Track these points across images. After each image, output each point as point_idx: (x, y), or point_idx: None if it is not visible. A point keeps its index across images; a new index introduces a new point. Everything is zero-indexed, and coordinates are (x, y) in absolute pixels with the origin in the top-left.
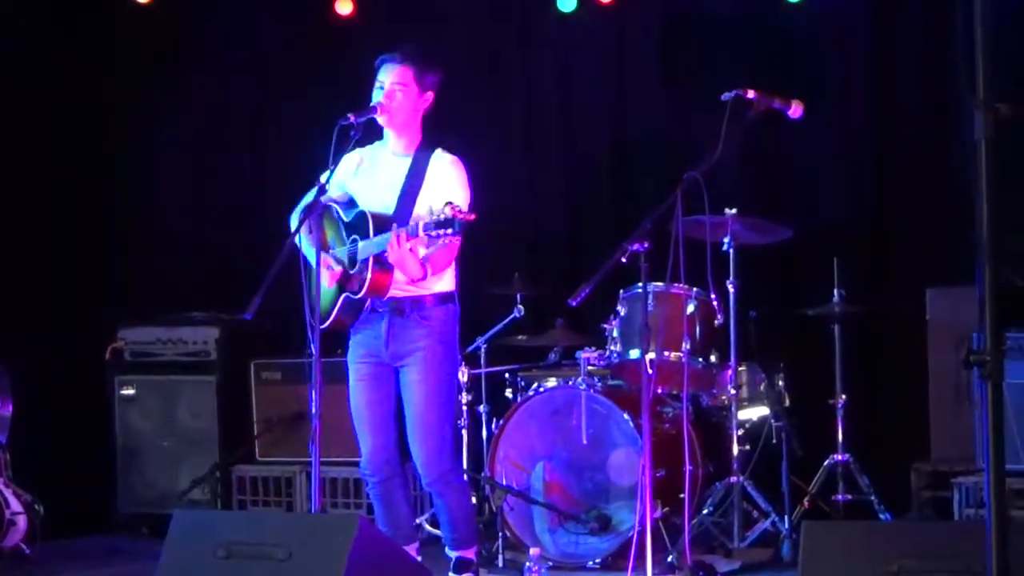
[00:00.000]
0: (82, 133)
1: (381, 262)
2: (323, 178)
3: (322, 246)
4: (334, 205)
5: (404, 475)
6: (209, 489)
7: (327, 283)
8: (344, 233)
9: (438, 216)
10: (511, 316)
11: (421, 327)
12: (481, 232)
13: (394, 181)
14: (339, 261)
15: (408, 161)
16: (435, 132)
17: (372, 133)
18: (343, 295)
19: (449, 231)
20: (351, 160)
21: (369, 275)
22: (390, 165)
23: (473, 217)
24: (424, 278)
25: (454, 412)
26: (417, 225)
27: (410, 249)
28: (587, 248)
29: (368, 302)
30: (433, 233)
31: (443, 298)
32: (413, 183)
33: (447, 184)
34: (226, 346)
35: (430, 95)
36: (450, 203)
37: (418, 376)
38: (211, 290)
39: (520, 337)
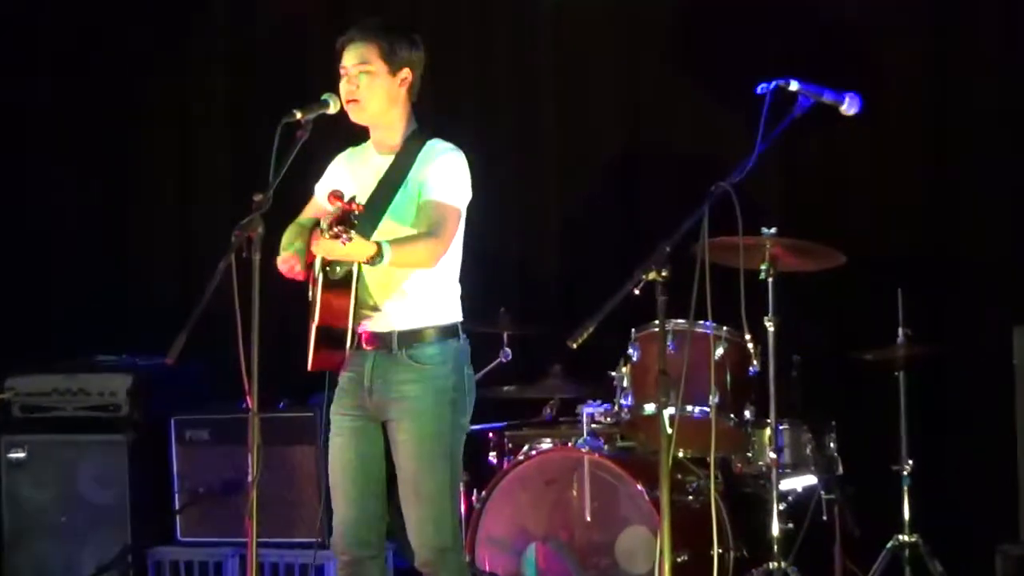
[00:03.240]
0: None
1: (333, 278)
2: (257, 198)
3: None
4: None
5: (383, 560)
6: None
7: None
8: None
9: (332, 214)
10: (495, 361)
11: (411, 370)
12: (464, 262)
13: (371, 182)
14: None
15: (391, 156)
16: (433, 122)
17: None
18: (314, 328)
19: (342, 228)
20: (337, 166)
21: (319, 294)
22: (372, 165)
23: (359, 209)
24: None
25: (458, 476)
26: (321, 228)
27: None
28: (590, 277)
29: (354, 335)
30: (328, 234)
31: (443, 332)
32: (391, 180)
33: (431, 175)
34: (141, 398)
35: (407, 74)
36: (333, 191)
37: (408, 433)
38: (122, 329)
39: (507, 387)
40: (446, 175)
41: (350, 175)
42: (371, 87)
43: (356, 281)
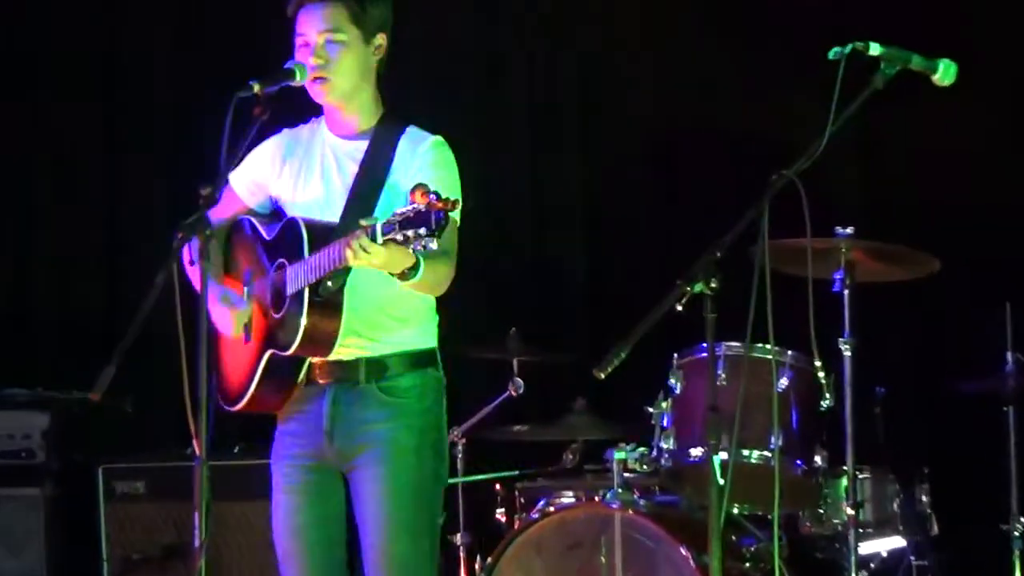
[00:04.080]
0: None
1: (324, 296)
2: (205, 191)
3: (228, 281)
4: (251, 220)
5: None
6: None
7: (235, 335)
8: (265, 257)
9: (405, 210)
10: (503, 395)
11: (383, 406)
12: (462, 270)
13: (341, 175)
14: (257, 299)
15: (363, 145)
16: (401, 103)
17: (296, 109)
18: (264, 354)
19: (422, 231)
20: (270, 151)
21: (304, 318)
22: (335, 153)
23: (456, 206)
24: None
25: (436, 537)
26: (375, 228)
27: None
28: (621, 290)
29: (304, 367)
30: (398, 236)
31: (418, 359)
32: (371, 175)
33: (428, 171)
34: (60, 442)
35: (382, 40)
36: (421, 186)
37: (379, 483)
38: (33, 357)
39: (518, 427)
40: (444, 177)
41: (298, 166)
42: (342, 60)
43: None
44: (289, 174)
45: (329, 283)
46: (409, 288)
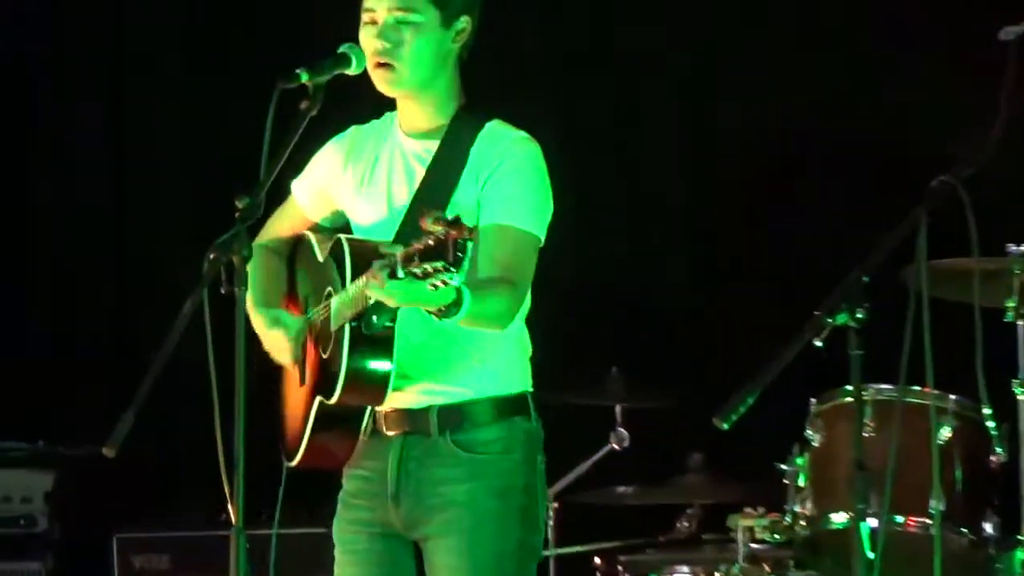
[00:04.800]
0: None
1: (368, 333)
2: (241, 204)
3: (289, 303)
4: (310, 237)
5: None
6: None
7: (291, 362)
8: (319, 283)
9: (424, 238)
10: (604, 449)
11: (460, 463)
12: (549, 296)
13: (406, 182)
14: (313, 331)
15: (433, 145)
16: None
17: (366, 106)
18: (315, 400)
19: (439, 265)
20: (334, 153)
21: (344, 360)
22: (402, 155)
23: (471, 235)
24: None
25: None
26: (393, 256)
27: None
28: (744, 320)
29: (368, 415)
30: (416, 270)
31: (503, 406)
32: (438, 181)
33: (501, 182)
34: (66, 506)
35: (465, 24)
36: (431, 212)
37: (456, 556)
38: (37, 404)
39: (622, 489)
40: (524, 184)
41: (363, 170)
42: (413, 45)
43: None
44: (352, 181)
45: (373, 318)
46: (460, 326)
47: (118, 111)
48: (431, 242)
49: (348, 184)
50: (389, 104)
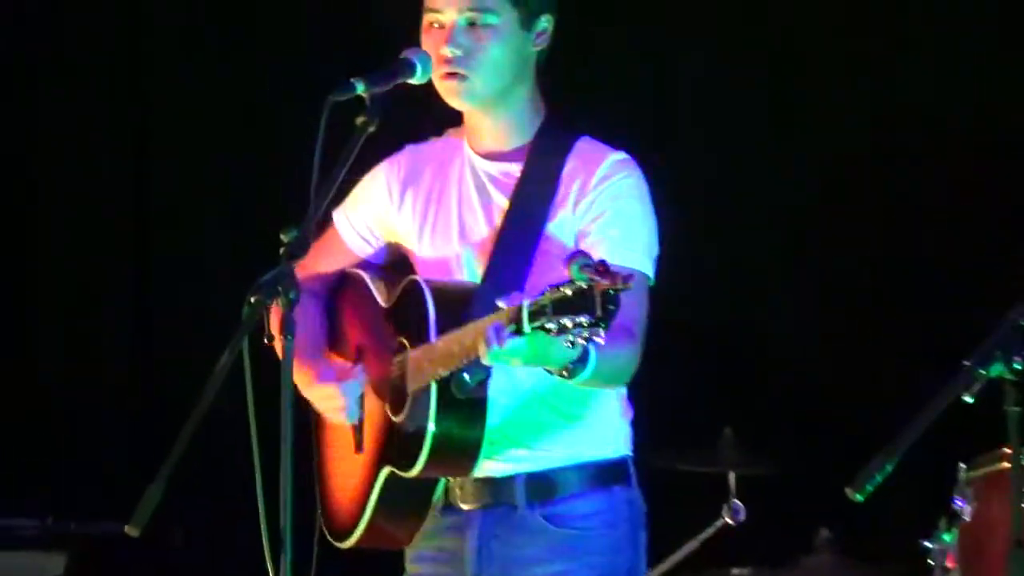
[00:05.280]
0: None
1: (460, 396)
2: (288, 236)
3: (333, 356)
4: (362, 276)
5: None
6: None
7: (342, 444)
8: (382, 332)
9: (562, 287)
10: (717, 523)
11: (552, 540)
12: (652, 346)
13: (484, 213)
14: (373, 387)
15: (516, 169)
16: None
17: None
18: (381, 471)
19: (583, 319)
20: (386, 179)
21: (431, 426)
22: (476, 180)
23: (627, 284)
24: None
25: None
26: (518, 309)
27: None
28: (873, 376)
29: (440, 486)
30: (550, 325)
31: (601, 473)
32: (525, 213)
33: (605, 215)
34: None
35: (547, 25)
36: (579, 255)
37: None
38: (48, 476)
39: (738, 571)
40: (632, 216)
41: (425, 198)
42: (490, 51)
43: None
44: (413, 211)
45: (465, 377)
46: (553, 383)
47: (142, 140)
48: (570, 292)
49: (406, 215)
50: (450, 117)
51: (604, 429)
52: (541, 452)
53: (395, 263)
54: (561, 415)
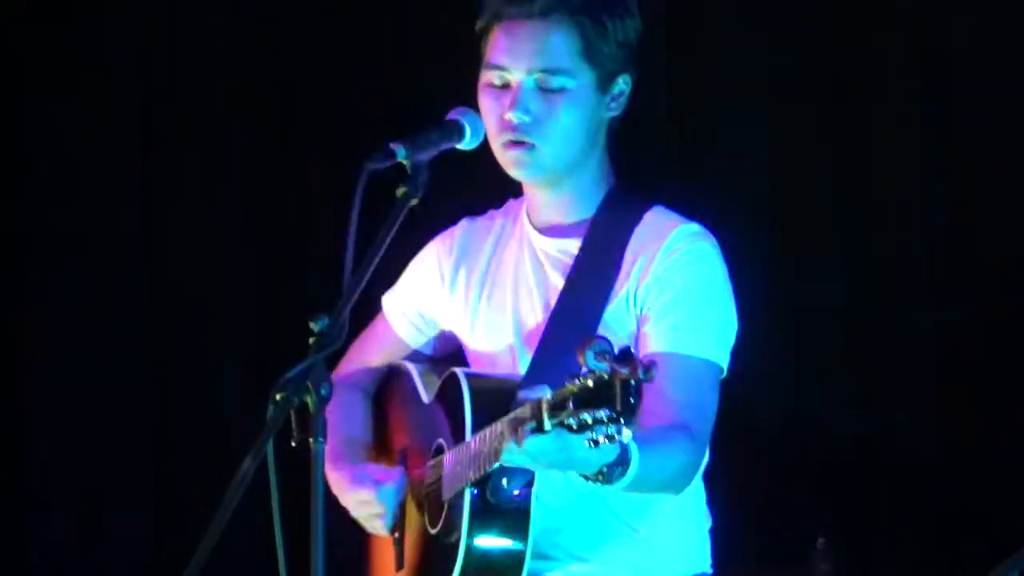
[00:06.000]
0: None
1: (497, 503)
2: (319, 324)
3: (380, 456)
4: (409, 369)
5: None
6: None
7: (385, 559)
8: (424, 431)
9: (584, 377)
10: None
11: None
12: (732, 441)
13: (540, 295)
14: (414, 495)
15: (575, 245)
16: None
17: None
18: None
19: (602, 415)
20: (437, 259)
21: (463, 539)
22: (534, 259)
23: (648, 375)
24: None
25: None
26: (538, 403)
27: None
28: (994, 469)
29: None
30: (570, 421)
31: None
32: (585, 287)
33: (675, 289)
34: None
35: (624, 87)
36: (593, 340)
37: None
38: None
39: None
40: (702, 298)
41: (478, 280)
42: (565, 117)
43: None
44: (466, 296)
45: (503, 481)
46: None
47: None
48: (591, 383)
49: (458, 300)
50: (510, 185)
51: (677, 541)
52: (604, 569)
53: (450, 355)
54: (625, 523)
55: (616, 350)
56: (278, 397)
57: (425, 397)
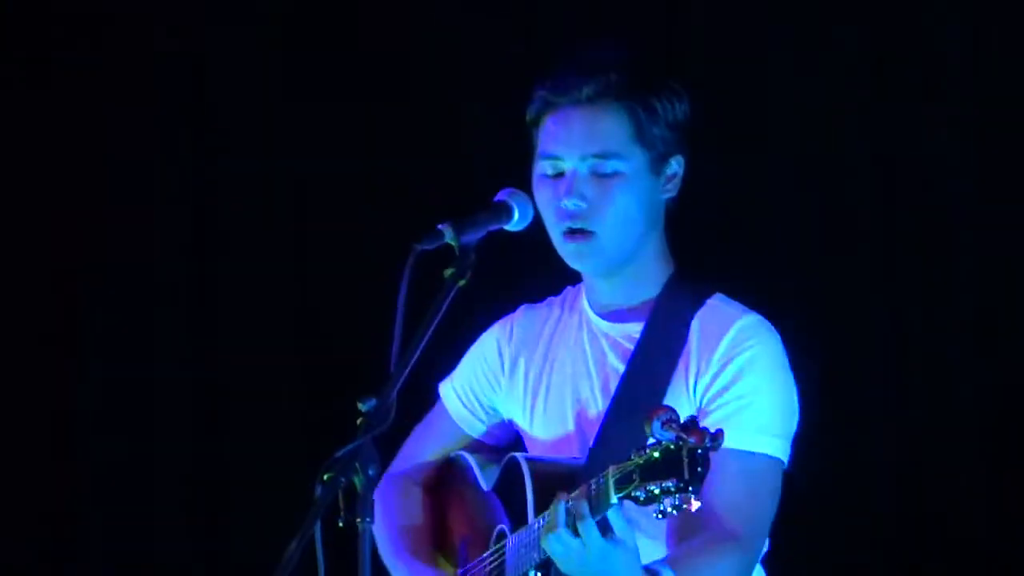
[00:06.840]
0: None
1: None
2: (367, 406)
3: (436, 557)
4: (468, 460)
5: None
6: None
7: None
8: (485, 520)
9: (650, 448)
10: None
11: None
12: (797, 529)
13: (599, 381)
14: None
15: (636, 329)
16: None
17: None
18: None
19: (670, 485)
20: (495, 347)
21: None
22: (594, 345)
23: (715, 444)
24: None
25: None
26: (601, 482)
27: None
28: None
29: None
30: (637, 492)
31: None
32: (645, 373)
33: (736, 382)
34: None
35: (678, 169)
36: (662, 410)
37: None
38: None
39: None
40: (764, 391)
41: (538, 367)
42: (621, 203)
43: None
44: (525, 383)
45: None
46: None
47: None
48: (657, 454)
49: (517, 386)
50: (568, 272)
51: None
52: None
53: (509, 444)
54: None
55: (683, 419)
56: (326, 477)
57: (484, 485)
